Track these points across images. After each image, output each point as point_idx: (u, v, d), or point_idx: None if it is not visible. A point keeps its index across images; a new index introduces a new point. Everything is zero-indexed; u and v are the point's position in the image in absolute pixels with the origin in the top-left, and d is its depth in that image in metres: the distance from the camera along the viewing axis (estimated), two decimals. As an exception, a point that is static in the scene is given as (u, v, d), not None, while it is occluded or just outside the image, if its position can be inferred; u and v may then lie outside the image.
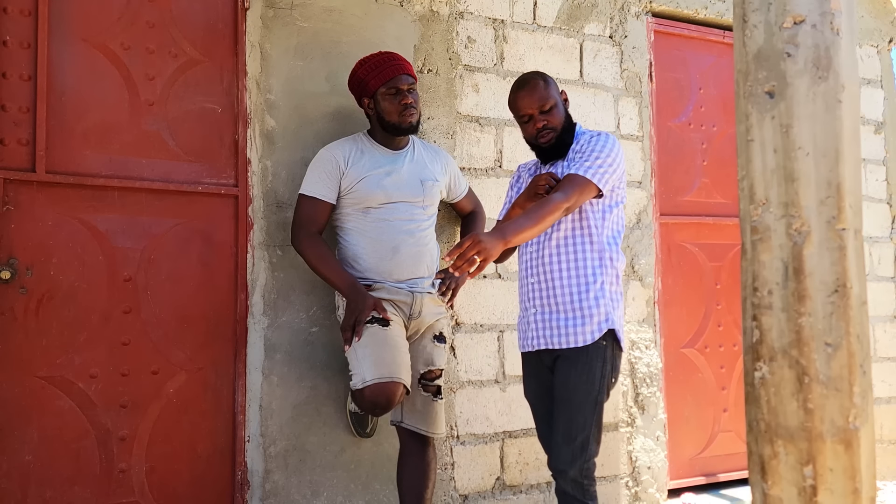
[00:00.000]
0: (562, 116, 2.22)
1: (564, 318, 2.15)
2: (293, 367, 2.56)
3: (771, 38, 1.33)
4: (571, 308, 2.14)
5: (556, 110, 2.21)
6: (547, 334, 2.17)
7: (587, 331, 2.12)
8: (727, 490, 3.34)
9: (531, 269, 2.23)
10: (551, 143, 2.21)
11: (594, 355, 2.12)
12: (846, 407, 1.25)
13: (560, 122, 2.21)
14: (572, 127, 2.26)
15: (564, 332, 2.14)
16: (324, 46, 2.70)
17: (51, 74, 2.35)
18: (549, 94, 2.21)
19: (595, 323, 2.12)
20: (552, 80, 2.26)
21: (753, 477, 1.31)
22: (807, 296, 1.27)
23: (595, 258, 2.16)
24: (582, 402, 2.09)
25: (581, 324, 2.13)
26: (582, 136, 2.24)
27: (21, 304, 2.28)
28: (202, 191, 2.53)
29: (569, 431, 2.08)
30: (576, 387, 2.10)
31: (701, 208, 3.49)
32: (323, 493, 2.57)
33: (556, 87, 2.25)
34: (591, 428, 2.09)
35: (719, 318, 3.46)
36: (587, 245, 2.16)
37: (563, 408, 2.11)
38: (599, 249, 2.17)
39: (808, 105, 1.30)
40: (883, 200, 3.91)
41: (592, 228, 2.17)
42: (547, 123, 2.20)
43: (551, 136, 2.20)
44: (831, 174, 1.29)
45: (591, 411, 2.09)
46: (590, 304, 2.13)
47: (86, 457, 2.32)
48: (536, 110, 2.19)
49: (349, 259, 2.44)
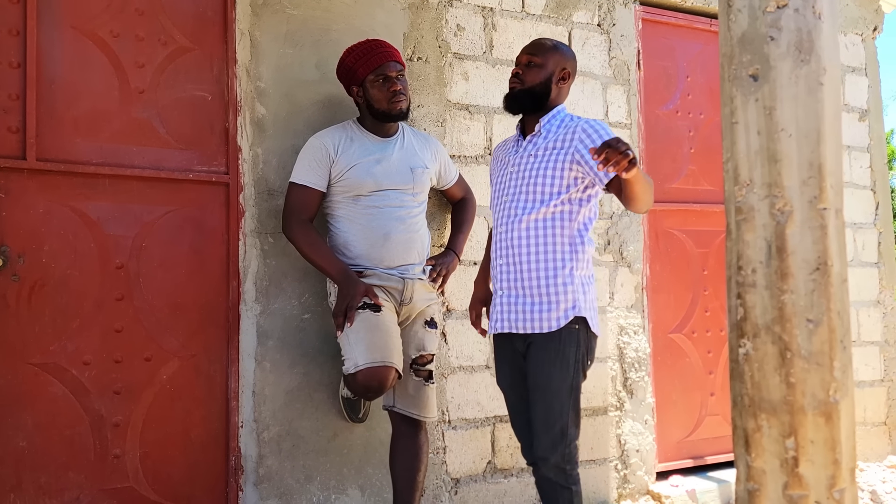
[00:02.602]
0: (538, 80, 2.21)
1: (531, 303, 2.14)
2: (286, 354, 2.58)
3: (755, 21, 1.36)
4: (538, 293, 2.14)
5: (537, 71, 2.21)
6: (511, 318, 2.17)
7: (552, 317, 2.11)
8: (714, 472, 3.40)
9: (500, 251, 2.22)
10: (513, 91, 2.23)
11: (567, 340, 2.11)
12: (827, 381, 1.29)
13: (532, 82, 2.21)
14: (543, 97, 2.22)
15: (530, 318, 2.13)
16: (313, 34, 2.70)
17: (40, 62, 2.35)
18: (544, 56, 2.22)
19: (561, 310, 2.12)
20: (563, 53, 2.26)
21: (738, 450, 1.35)
22: (789, 274, 1.31)
23: (566, 244, 2.16)
24: (558, 388, 2.09)
25: (547, 309, 2.12)
26: (570, 120, 2.23)
27: (13, 291, 2.28)
28: (193, 178, 2.53)
29: (547, 419, 2.09)
30: (550, 374, 2.10)
31: (688, 195, 3.53)
32: (316, 478, 2.60)
33: (562, 61, 2.24)
34: (569, 413, 2.10)
35: (706, 303, 3.50)
36: (558, 231, 2.16)
37: (540, 396, 2.11)
38: (571, 236, 2.17)
39: (790, 87, 1.33)
40: (867, 187, 3.96)
41: (566, 215, 2.16)
42: (520, 73, 2.23)
43: (515, 85, 2.23)
44: (813, 155, 1.33)
45: (567, 397, 2.10)
46: (557, 290, 2.13)
47: (80, 443, 2.34)
48: (524, 60, 2.23)
49: (340, 246, 2.46)
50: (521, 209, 2.18)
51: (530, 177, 2.19)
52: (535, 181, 2.17)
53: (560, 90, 2.26)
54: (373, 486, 2.68)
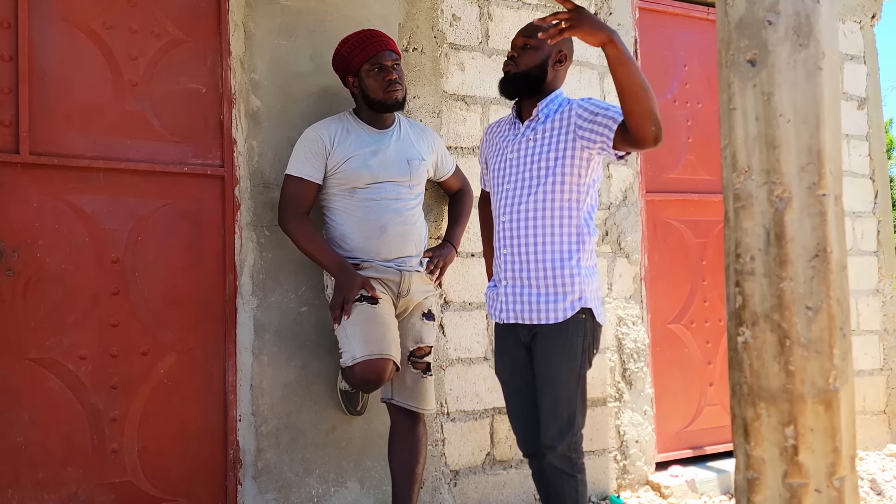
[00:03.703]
0: (534, 63, 2.16)
1: (537, 294, 2.12)
2: (283, 347, 2.57)
3: (752, 6, 1.34)
4: (545, 283, 2.11)
5: (532, 54, 2.16)
6: (517, 308, 2.15)
7: (559, 308, 2.09)
8: (714, 462, 3.39)
9: (504, 241, 2.19)
10: (507, 75, 2.19)
11: (574, 330, 2.10)
12: (826, 369, 1.28)
13: (527, 65, 2.16)
14: (539, 80, 2.17)
15: (537, 308, 2.11)
16: (308, 25, 2.68)
17: (32, 55, 2.33)
18: (539, 39, 2.13)
19: (569, 301, 2.10)
20: (564, 39, 2.17)
21: (737, 439, 1.34)
22: (788, 261, 1.30)
23: (573, 233, 2.13)
24: (566, 377, 2.08)
25: (554, 300, 2.10)
26: (566, 102, 2.18)
27: (8, 286, 2.27)
28: (188, 171, 2.52)
29: (555, 408, 2.08)
30: (558, 363, 2.08)
31: (686, 185, 3.52)
32: (315, 471, 2.59)
33: (559, 44, 2.17)
34: (577, 402, 2.09)
35: (705, 293, 3.49)
36: (565, 220, 2.12)
37: (547, 385, 2.09)
38: (577, 225, 2.14)
39: (788, 73, 1.32)
40: (866, 175, 3.95)
41: (573, 203, 2.13)
42: (515, 56, 2.18)
43: (510, 69, 2.18)
44: (812, 141, 1.31)
45: (575, 386, 2.09)
46: (564, 281, 2.10)
47: (77, 438, 2.33)
48: (519, 42, 2.19)
49: (337, 239, 2.45)
50: (524, 197, 2.14)
51: (532, 163, 2.14)
52: (537, 167, 2.13)
53: (556, 73, 2.20)
54: (372, 479, 2.67)
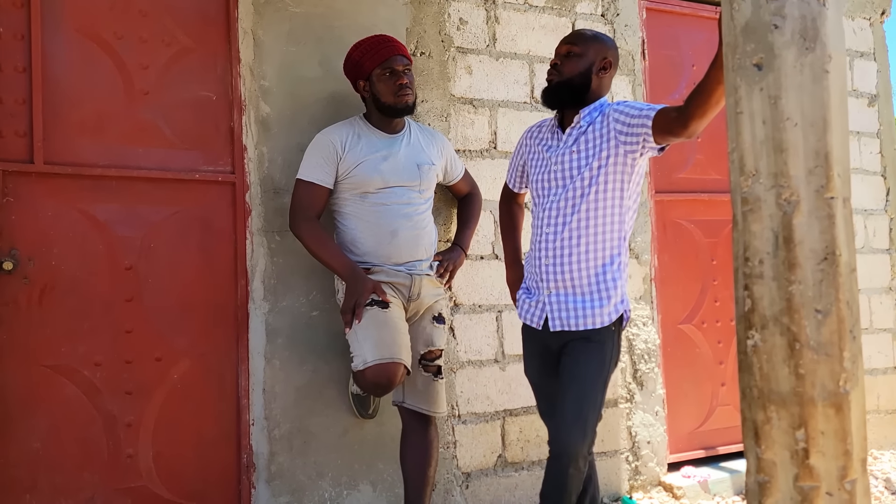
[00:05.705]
0: (577, 71, 2.13)
1: (581, 300, 2.11)
2: (295, 351, 2.59)
3: (758, 10, 1.34)
4: (589, 290, 2.10)
5: (577, 61, 2.13)
6: (563, 316, 2.13)
7: (604, 312, 2.10)
8: (726, 462, 3.38)
9: (547, 251, 2.16)
10: (551, 84, 2.16)
11: (606, 335, 2.11)
12: (836, 371, 1.28)
13: (571, 73, 2.13)
14: (583, 89, 2.14)
15: (582, 314, 2.10)
16: (316, 31, 2.70)
17: (45, 65, 2.36)
18: (584, 45, 2.12)
19: (612, 305, 2.10)
20: (604, 42, 2.16)
21: (747, 442, 1.34)
22: (797, 264, 1.30)
23: (615, 238, 2.11)
24: (595, 379, 2.08)
25: (599, 305, 2.09)
26: (603, 105, 2.16)
27: (24, 294, 2.30)
28: (199, 178, 2.54)
29: (580, 409, 2.06)
30: (588, 364, 2.08)
31: (696, 185, 3.51)
32: (328, 474, 2.61)
33: (603, 50, 2.15)
34: (601, 406, 2.11)
35: (716, 293, 3.49)
36: (607, 228, 2.10)
37: (575, 385, 2.07)
38: (619, 230, 2.12)
39: (795, 76, 1.32)
40: (877, 173, 3.92)
41: (616, 210, 2.10)
42: (558, 64, 2.15)
43: (553, 77, 2.16)
44: (819, 144, 1.31)
45: (601, 389, 2.10)
46: (607, 286, 2.10)
47: (93, 443, 2.36)
48: (563, 50, 2.16)
49: (347, 243, 2.46)
50: (570, 209, 2.11)
51: (578, 174, 2.11)
52: (580, 177, 2.11)
53: (601, 81, 2.16)
54: (384, 482, 2.69)
